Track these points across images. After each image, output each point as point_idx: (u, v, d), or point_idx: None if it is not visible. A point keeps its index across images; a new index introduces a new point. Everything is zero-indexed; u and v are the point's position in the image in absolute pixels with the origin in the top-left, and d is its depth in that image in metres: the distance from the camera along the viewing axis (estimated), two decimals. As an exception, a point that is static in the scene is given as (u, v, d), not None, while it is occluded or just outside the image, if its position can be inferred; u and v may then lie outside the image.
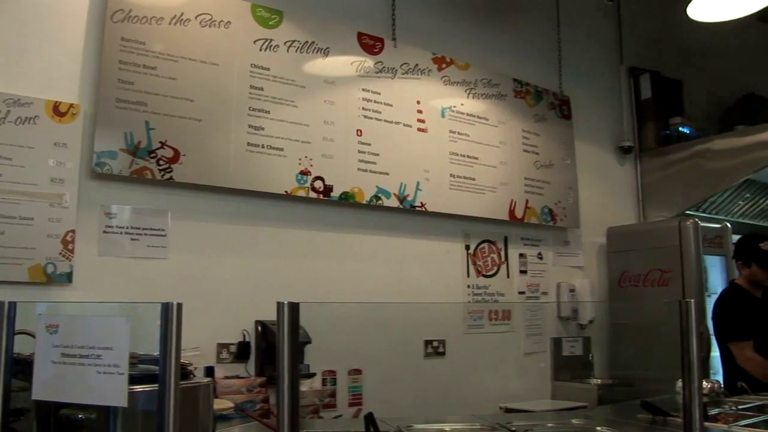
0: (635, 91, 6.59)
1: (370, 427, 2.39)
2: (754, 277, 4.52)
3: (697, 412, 2.37)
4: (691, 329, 2.35)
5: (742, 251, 4.64)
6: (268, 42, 4.08)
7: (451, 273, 4.85)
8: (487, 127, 5.09)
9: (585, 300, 5.53)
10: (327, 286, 4.20)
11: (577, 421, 3.29)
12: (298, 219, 4.15)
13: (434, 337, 4.62)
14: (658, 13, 6.80)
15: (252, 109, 3.95)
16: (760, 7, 4.68)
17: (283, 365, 1.63)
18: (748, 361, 4.29)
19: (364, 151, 4.36)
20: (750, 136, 5.82)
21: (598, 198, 5.98)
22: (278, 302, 1.67)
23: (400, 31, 4.73)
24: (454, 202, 4.77)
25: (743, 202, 6.63)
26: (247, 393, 3.53)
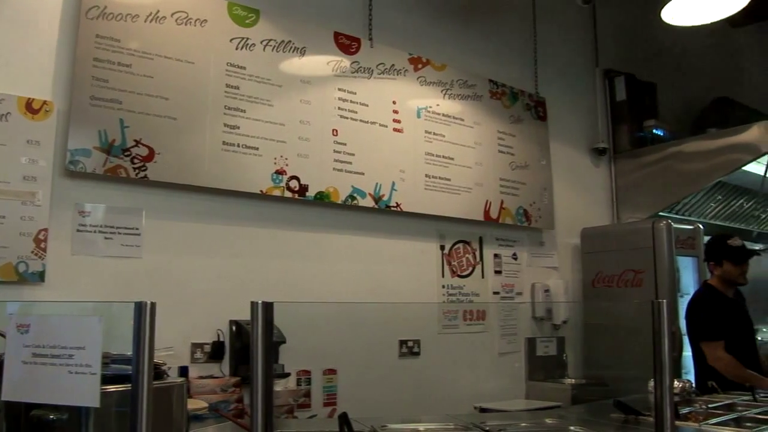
0: (610, 94, 6.64)
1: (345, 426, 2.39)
2: (727, 274, 4.58)
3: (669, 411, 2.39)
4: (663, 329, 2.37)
5: (713, 251, 4.71)
6: (245, 41, 4.07)
7: (426, 273, 4.86)
8: (463, 127, 5.10)
9: (559, 300, 5.57)
10: (302, 285, 4.19)
11: (550, 420, 3.31)
12: (273, 218, 4.13)
13: (409, 337, 4.63)
14: (633, 16, 6.86)
15: (228, 108, 3.94)
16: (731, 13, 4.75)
17: (257, 365, 1.63)
18: (719, 361, 4.35)
19: (339, 151, 4.36)
20: (722, 139, 5.89)
21: (572, 199, 6.02)
22: (252, 302, 1.67)
23: (377, 31, 4.73)
24: (429, 203, 4.78)
25: (715, 204, 6.70)
26: (221, 393, 3.51)
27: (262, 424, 1.60)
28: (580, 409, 4.22)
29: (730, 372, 4.29)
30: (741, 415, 3.38)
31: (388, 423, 2.99)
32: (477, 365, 5.06)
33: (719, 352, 4.38)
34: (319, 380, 4.16)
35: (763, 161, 5.84)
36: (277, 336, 3.49)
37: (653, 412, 2.37)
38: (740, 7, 4.64)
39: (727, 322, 4.48)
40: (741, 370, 4.28)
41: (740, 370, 4.28)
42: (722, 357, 4.35)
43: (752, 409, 3.50)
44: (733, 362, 4.31)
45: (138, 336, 1.59)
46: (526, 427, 3.13)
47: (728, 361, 4.33)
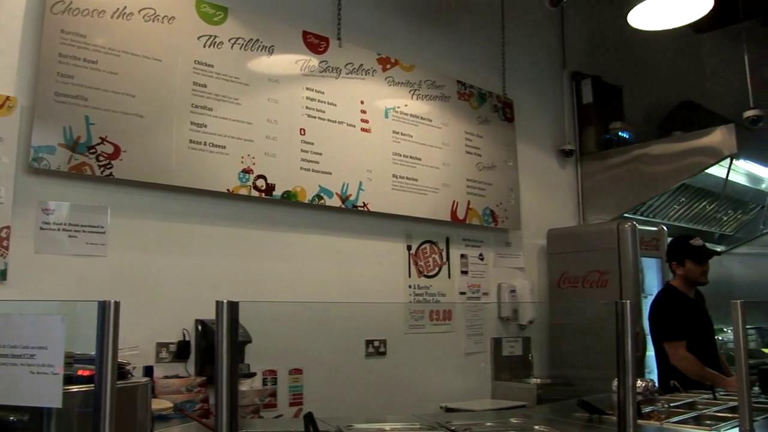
0: (577, 96, 6.70)
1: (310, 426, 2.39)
2: (690, 273, 4.64)
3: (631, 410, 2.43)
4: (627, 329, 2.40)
5: (676, 251, 4.77)
6: (213, 38, 4.04)
7: (393, 273, 4.87)
8: (431, 128, 5.12)
9: (525, 300, 5.60)
10: (269, 285, 4.17)
11: (515, 420, 3.33)
12: (239, 217, 4.11)
13: (375, 337, 4.63)
14: (600, 20, 6.93)
15: (195, 106, 3.91)
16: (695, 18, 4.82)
17: (222, 364, 1.62)
18: (681, 360, 4.41)
19: (307, 150, 4.35)
20: (686, 142, 5.98)
21: (539, 200, 6.07)
22: (217, 301, 1.66)
23: (346, 30, 4.73)
24: (396, 203, 4.79)
25: (679, 206, 6.79)
26: (186, 393, 3.49)
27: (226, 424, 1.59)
28: (546, 409, 4.25)
29: (692, 371, 4.35)
30: (701, 414, 3.44)
31: (354, 423, 2.99)
32: (443, 365, 5.07)
33: (681, 352, 4.44)
34: (285, 380, 4.15)
35: (725, 164, 5.93)
36: (243, 335, 3.48)
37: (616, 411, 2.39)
38: (704, 13, 4.71)
39: (688, 322, 4.55)
40: (702, 369, 4.35)
41: (702, 369, 4.34)
42: (684, 356, 4.41)
43: (712, 408, 3.56)
44: (695, 361, 4.38)
45: (101, 335, 1.58)
46: (491, 427, 3.15)
47: (690, 360, 4.39)
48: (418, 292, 4.98)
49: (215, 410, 1.63)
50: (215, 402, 1.63)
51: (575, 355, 5.41)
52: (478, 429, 3.03)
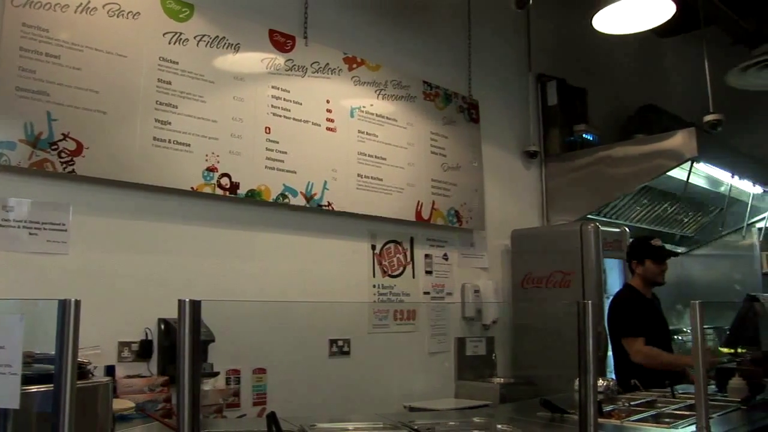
0: (542, 98, 6.75)
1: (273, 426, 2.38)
2: (648, 272, 4.76)
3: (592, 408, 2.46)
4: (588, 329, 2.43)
5: (636, 250, 4.88)
6: (178, 35, 4.01)
7: (357, 273, 4.87)
8: (396, 128, 5.13)
9: (489, 301, 5.63)
10: (233, 284, 4.15)
11: (478, 419, 3.35)
12: (203, 216, 4.09)
13: (339, 337, 4.63)
14: (566, 23, 7.00)
15: (159, 103, 3.88)
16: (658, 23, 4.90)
17: (184, 364, 1.61)
18: (639, 353, 4.52)
19: (272, 149, 4.33)
20: (648, 145, 6.06)
21: (503, 201, 6.11)
22: (179, 300, 1.65)
23: (312, 29, 4.72)
24: (361, 202, 4.79)
25: (641, 207, 6.89)
26: (148, 392, 3.46)
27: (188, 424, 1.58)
28: (508, 408, 4.29)
29: (652, 361, 4.46)
30: (660, 412, 3.52)
31: (317, 422, 2.99)
32: (407, 365, 5.09)
33: (639, 345, 4.54)
34: (249, 379, 4.13)
35: (685, 167, 6.02)
36: (206, 334, 3.47)
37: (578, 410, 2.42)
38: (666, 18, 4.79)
39: (646, 320, 4.63)
40: (662, 356, 4.49)
41: (662, 357, 4.49)
42: (641, 349, 4.53)
43: (671, 406, 3.64)
44: (654, 351, 4.49)
45: (61, 334, 1.56)
46: (454, 426, 3.17)
47: (648, 352, 4.51)
48: (382, 292, 4.98)
49: (177, 410, 1.62)
50: (177, 401, 1.62)
51: (538, 354, 5.46)
52: (441, 428, 3.05)
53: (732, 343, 4.70)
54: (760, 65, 6.48)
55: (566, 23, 7.04)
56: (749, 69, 6.56)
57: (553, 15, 7.01)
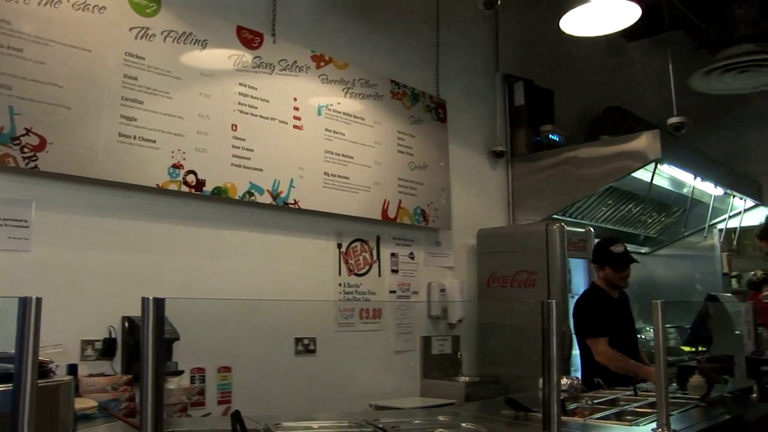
0: (509, 98, 6.79)
1: (237, 425, 2.37)
2: (609, 277, 4.80)
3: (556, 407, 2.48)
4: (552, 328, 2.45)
5: (597, 255, 4.92)
6: (145, 30, 3.97)
7: (323, 271, 4.86)
8: (363, 126, 5.13)
9: (455, 300, 5.66)
10: (198, 282, 4.13)
11: (443, 417, 3.36)
12: (169, 213, 4.06)
13: (305, 335, 4.62)
14: (533, 24, 7.05)
15: (125, 99, 3.83)
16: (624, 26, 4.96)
17: (147, 362, 1.60)
18: (601, 355, 4.55)
19: (238, 146, 4.31)
20: (613, 146, 6.12)
21: (469, 200, 6.13)
22: (143, 297, 1.64)
23: (280, 27, 4.70)
24: (327, 201, 4.78)
25: (606, 208, 6.96)
26: (112, 391, 3.42)
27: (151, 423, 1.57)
28: (473, 407, 4.31)
29: (613, 364, 4.49)
30: (623, 410, 3.56)
31: (282, 421, 2.98)
32: (373, 363, 5.09)
33: (602, 347, 4.58)
34: (214, 378, 4.11)
35: (650, 169, 6.09)
36: (171, 333, 3.44)
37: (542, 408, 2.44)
38: (632, 22, 4.84)
39: (610, 319, 4.68)
40: (624, 361, 4.49)
41: (623, 362, 4.49)
42: (605, 351, 4.55)
43: (633, 404, 3.69)
44: (617, 355, 4.51)
45: (22, 333, 1.54)
46: (419, 425, 3.17)
47: (610, 354, 4.53)
48: (348, 290, 4.98)
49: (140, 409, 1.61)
50: (140, 400, 1.61)
51: (503, 353, 5.49)
52: (406, 427, 3.05)
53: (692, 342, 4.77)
54: (721, 70, 6.59)
55: (534, 25, 7.09)
56: (712, 73, 6.67)
57: (521, 16, 7.05)
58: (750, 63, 6.49)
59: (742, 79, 6.75)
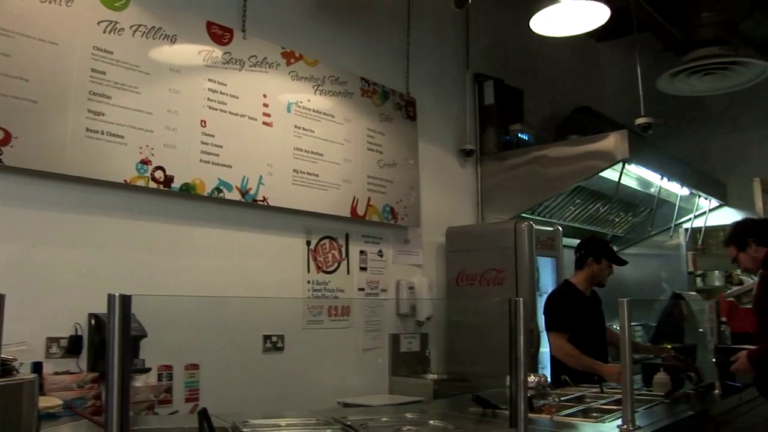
0: (479, 97, 6.81)
1: (204, 422, 2.36)
2: (600, 272, 4.80)
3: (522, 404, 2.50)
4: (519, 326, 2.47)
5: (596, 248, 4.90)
6: (113, 24, 3.93)
7: (292, 268, 4.85)
8: (333, 124, 5.12)
9: (423, 297, 5.67)
10: (166, 279, 4.10)
11: (411, 415, 3.37)
12: (136, 209, 4.02)
13: (273, 332, 4.61)
14: (504, 23, 7.09)
15: (92, 94, 3.79)
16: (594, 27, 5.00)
17: (113, 359, 1.59)
18: (559, 350, 4.60)
19: (207, 143, 4.28)
20: (582, 146, 6.16)
21: (438, 198, 6.15)
22: (109, 294, 1.63)
23: (251, 23, 4.68)
24: (296, 198, 4.77)
25: (574, 207, 7.01)
26: (77, 389, 3.39)
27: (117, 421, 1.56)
28: (441, 404, 4.32)
29: (570, 361, 4.53)
30: (589, 406, 3.59)
31: (249, 419, 2.97)
32: (341, 361, 5.09)
33: (560, 342, 4.62)
34: (181, 375, 4.09)
35: (617, 168, 6.14)
36: (138, 330, 3.41)
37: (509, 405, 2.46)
38: (601, 23, 4.89)
39: (577, 317, 4.71)
40: (580, 358, 4.53)
41: (579, 358, 4.53)
42: (562, 346, 4.59)
43: (599, 401, 3.73)
44: (573, 351, 4.55)
45: (-15, 330, 1.52)
46: (386, 422, 3.17)
47: (567, 350, 4.57)
48: (316, 288, 4.97)
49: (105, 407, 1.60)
50: (106, 398, 1.60)
51: (471, 351, 5.52)
52: (373, 424, 3.05)
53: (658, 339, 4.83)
54: (688, 72, 6.67)
55: (504, 24, 7.13)
56: (678, 75, 6.74)
57: (492, 16, 7.09)
58: (715, 66, 6.57)
59: (708, 81, 6.83)
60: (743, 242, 3.93)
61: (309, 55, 5.02)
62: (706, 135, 8.71)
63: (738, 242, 3.97)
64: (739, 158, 8.39)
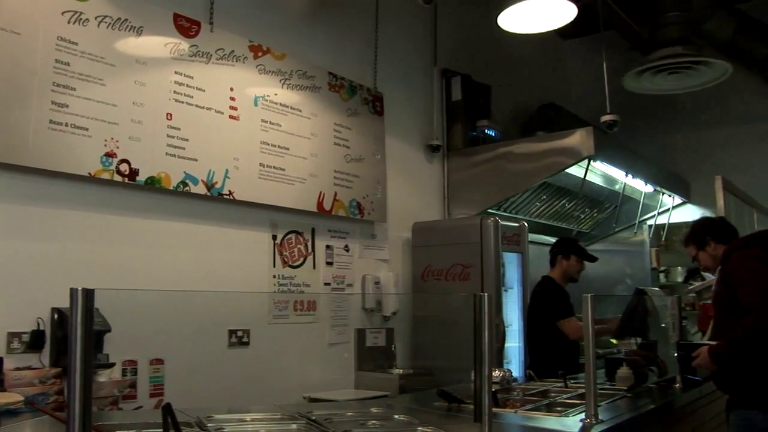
0: (446, 93, 6.83)
1: (168, 418, 2.35)
2: (571, 268, 5.12)
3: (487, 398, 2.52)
4: (484, 321, 2.48)
5: (565, 246, 5.18)
6: (78, 15, 3.88)
7: (258, 263, 4.83)
8: (300, 118, 5.11)
9: (389, 292, 5.68)
10: (130, 273, 4.06)
11: (377, 409, 3.38)
12: (101, 203, 3.98)
13: (238, 327, 4.59)
14: (472, 20, 7.11)
15: (56, 85, 3.74)
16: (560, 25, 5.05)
17: (76, 355, 1.57)
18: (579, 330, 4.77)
19: (173, 136, 4.25)
20: (548, 143, 6.21)
21: (405, 193, 6.16)
22: (71, 288, 1.61)
23: (218, 15, 4.64)
24: (262, 192, 4.75)
25: (540, 203, 7.06)
26: (39, 385, 3.35)
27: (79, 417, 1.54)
28: (407, 398, 4.34)
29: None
30: (553, 401, 3.65)
31: (214, 414, 2.96)
32: (307, 355, 5.09)
33: (575, 324, 4.87)
34: (146, 370, 4.05)
35: (583, 165, 6.20)
36: (101, 324, 3.38)
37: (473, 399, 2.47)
38: (568, 21, 4.93)
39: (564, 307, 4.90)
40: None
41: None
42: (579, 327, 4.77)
43: (563, 395, 3.78)
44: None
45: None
46: (352, 416, 3.18)
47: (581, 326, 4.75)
48: (282, 282, 4.96)
49: (67, 402, 1.58)
50: (67, 394, 1.58)
51: (437, 346, 5.54)
52: (339, 419, 3.06)
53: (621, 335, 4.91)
54: (653, 70, 6.75)
55: (472, 21, 7.16)
56: (643, 73, 6.82)
57: (460, 12, 7.11)
58: (679, 65, 6.66)
59: (672, 80, 6.93)
60: (702, 241, 4.00)
61: (276, 49, 4.99)
62: (670, 133, 8.83)
63: (697, 241, 4.04)
64: (702, 156, 8.51)
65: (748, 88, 8.21)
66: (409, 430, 2.89)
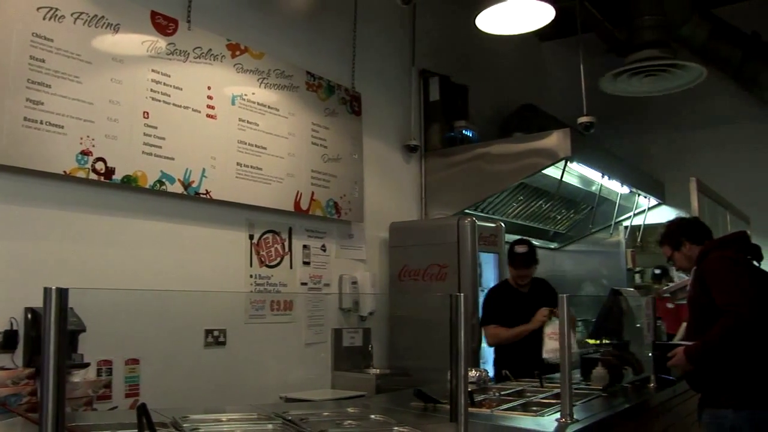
0: (424, 93, 6.85)
1: (143, 418, 2.34)
2: (511, 273, 5.08)
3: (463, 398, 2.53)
4: (460, 321, 2.49)
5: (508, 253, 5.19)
6: (53, 11, 3.84)
7: (234, 262, 4.82)
8: (278, 117, 5.10)
9: (366, 292, 5.68)
10: (106, 272, 4.03)
11: (353, 409, 3.39)
12: (76, 201, 3.94)
13: (215, 327, 4.57)
14: (450, 20, 7.13)
15: (31, 82, 3.70)
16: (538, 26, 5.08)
17: (49, 354, 1.56)
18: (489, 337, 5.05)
19: (150, 134, 4.22)
20: (525, 143, 6.24)
21: (382, 194, 6.17)
22: (45, 288, 1.60)
23: (196, 13, 4.62)
24: (239, 191, 4.74)
25: (517, 204, 7.10)
26: (12, 386, 3.31)
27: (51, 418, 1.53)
28: (383, 398, 4.35)
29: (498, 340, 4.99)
30: (529, 401, 3.67)
31: (190, 414, 2.95)
32: (283, 355, 5.08)
33: (490, 331, 5.02)
34: (121, 370, 4.03)
35: (560, 166, 6.24)
36: (76, 324, 3.35)
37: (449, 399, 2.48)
38: (546, 23, 4.96)
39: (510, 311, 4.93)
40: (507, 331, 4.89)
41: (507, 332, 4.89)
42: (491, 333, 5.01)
43: (539, 395, 3.81)
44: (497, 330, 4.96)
45: None
46: (328, 416, 3.19)
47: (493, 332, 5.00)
48: (259, 282, 4.95)
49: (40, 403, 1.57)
50: (40, 394, 1.57)
51: (414, 346, 5.55)
52: (315, 419, 3.06)
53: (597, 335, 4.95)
54: (629, 73, 6.80)
55: (451, 21, 7.17)
56: (620, 76, 6.87)
57: (438, 13, 7.12)
58: (655, 68, 6.72)
59: (648, 82, 6.99)
60: (677, 242, 4.02)
61: (254, 48, 4.98)
62: (646, 135, 8.91)
63: (672, 242, 4.06)
64: (677, 158, 8.60)
65: (722, 91, 8.31)
66: (386, 430, 2.90)
